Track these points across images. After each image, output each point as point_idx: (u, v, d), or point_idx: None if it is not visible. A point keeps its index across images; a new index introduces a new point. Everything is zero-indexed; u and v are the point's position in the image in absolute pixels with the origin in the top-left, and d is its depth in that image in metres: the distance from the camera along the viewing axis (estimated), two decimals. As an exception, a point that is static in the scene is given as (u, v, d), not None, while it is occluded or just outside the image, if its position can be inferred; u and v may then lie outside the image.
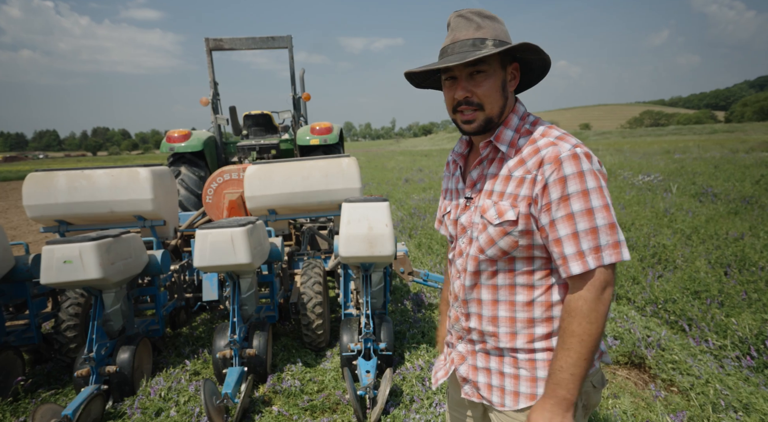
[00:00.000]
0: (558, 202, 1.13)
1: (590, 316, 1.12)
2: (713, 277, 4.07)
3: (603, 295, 1.12)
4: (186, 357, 3.84)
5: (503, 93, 1.25)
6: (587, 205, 1.11)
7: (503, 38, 1.22)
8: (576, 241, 1.12)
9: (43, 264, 2.99)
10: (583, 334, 1.12)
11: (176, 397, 3.17)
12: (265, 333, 3.50)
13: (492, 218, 1.22)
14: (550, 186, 1.14)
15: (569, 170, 1.12)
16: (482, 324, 1.31)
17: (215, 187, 5.45)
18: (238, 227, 3.17)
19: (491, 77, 1.22)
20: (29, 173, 4.02)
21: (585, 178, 1.12)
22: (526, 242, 1.21)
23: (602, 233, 1.11)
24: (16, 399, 3.26)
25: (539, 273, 1.24)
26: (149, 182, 4.08)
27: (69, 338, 3.59)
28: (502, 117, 1.27)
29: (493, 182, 1.26)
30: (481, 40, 1.20)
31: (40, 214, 3.99)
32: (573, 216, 1.12)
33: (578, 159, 1.13)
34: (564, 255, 1.14)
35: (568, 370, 1.13)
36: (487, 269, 1.28)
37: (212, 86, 6.68)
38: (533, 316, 1.25)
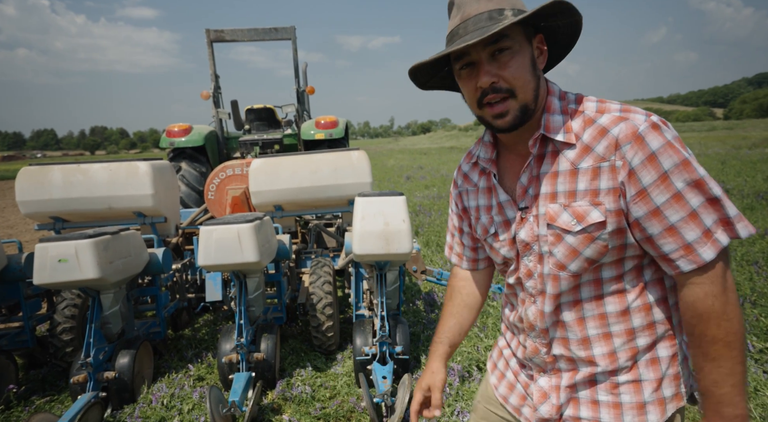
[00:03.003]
0: (656, 185, 0.90)
1: (727, 313, 0.91)
2: (743, 275, 3.87)
3: (729, 283, 0.92)
4: (189, 360, 3.63)
5: (534, 72, 1.01)
6: (693, 176, 0.89)
7: (521, 7, 0.99)
8: (697, 221, 0.89)
9: (37, 263, 2.78)
10: (728, 336, 0.91)
11: (179, 405, 2.97)
12: (273, 336, 3.30)
13: (569, 225, 0.99)
14: (638, 170, 0.91)
15: (656, 144, 0.90)
16: (571, 349, 1.07)
17: (218, 183, 5.23)
18: (245, 224, 2.96)
19: (518, 54, 0.98)
20: (22, 168, 3.82)
21: (676, 147, 0.90)
22: (618, 243, 0.98)
23: (725, 204, 0.89)
24: (8, 407, 3.06)
25: (630, 275, 1.02)
26: (149, 177, 3.86)
27: (65, 341, 3.38)
28: (539, 102, 1.03)
29: (554, 183, 1.02)
30: (499, 10, 0.97)
31: (34, 210, 3.78)
32: (681, 195, 0.89)
33: (659, 129, 0.91)
34: (687, 243, 0.90)
35: (726, 383, 0.91)
36: (569, 286, 1.04)
37: (213, 79, 6.47)
38: (632, 326, 1.02)
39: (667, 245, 0.93)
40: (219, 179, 5.21)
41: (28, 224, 11.88)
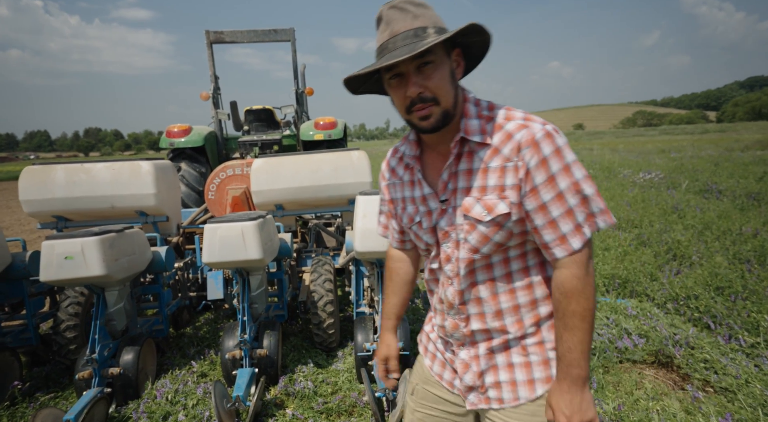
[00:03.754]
0: (545, 184, 1.10)
1: (585, 292, 1.11)
2: (736, 273, 3.96)
3: (590, 268, 1.12)
4: (191, 358, 3.68)
5: (453, 82, 1.16)
6: (573, 178, 1.09)
7: (441, 25, 1.14)
8: (571, 217, 1.09)
9: (43, 260, 2.81)
10: (583, 312, 1.11)
11: (184, 400, 3.01)
12: (275, 333, 3.35)
13: (481, 215, 1.17)
14: (533, 170, 1.10)
15: (548, 150, 1.09)
16: (486, 322, 1.25)
17: (218, 182, 5.28)
18: (249, 221, 3.02)
19: (440, 67, 1.12)
20: (25, 167, 3.85)
21: (563, 153, 1.09)
22: (520, 229, 1.17)
23: (592, 201, 1.09)
24: (13, 403, 3.09)
25: (531, 254, 1.22)
26: (152, 176, 3.92)
27: (68, 339, 3.41)
28: (457, 108, 1.19)
29: (469, 179, 1.19)
30: (422, 28, 1.11)
31: (37, 209, 3.82)
32: (563, 195, 1.09)
33: (552, 137, 1.10)
34: (562, 234, 1.10)
35: (577, 349, 1.11)
36: (481, 266, 1.23)
37: (213, 80, 6.52)
38: (535, 297, 1.22)
39: (548, 235, 1.12)
40: (219, 179, 5.26)
41: (23, 224, 11.85)
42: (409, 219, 1.33)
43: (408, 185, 1.34)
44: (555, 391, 1.16)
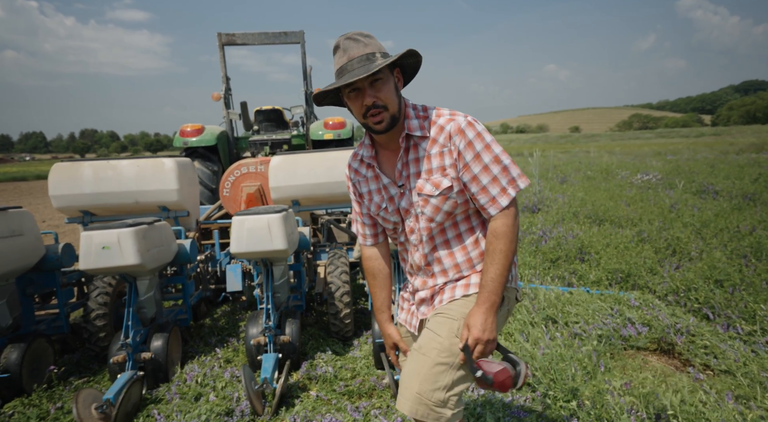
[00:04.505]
0: (473, 160, 1.47)
1: (510, 236, 1.46)
2: (734, 267, 4.16)
3: (515, 220, 1.48)
4: (214, 346, 3.84)
5: (397, 93, 1.52)
6: (493, 154, 1.47)
7: (384, 50, 1.50)
8: (497, 182, 1.47)
9: (82, 250, 2.98)
10: (507, 251, 1.46)
11: (212, 383, 3.17)
12: (297, 321, 3.52)
13: (431, 192, 1.53)
14: (463, 151, 1.48)
15: (471, 135, 1.47)
16: (449, 275, 1.61)
17: (233, 180, 5.45)
18: (275, 214, 3.19)
19: (387, 83, 1.48)
20: (54, 164, 4.01)
21: (483, 136, 1.48)
22: (463, 198, 1.54)
23: (511, 169, 1.47)
24: (50, 386, 3.24)
25: (474, 217, 1.59)
26: (174, 173, 4.08)
27: (98, 327, 3.57)
28: (401, 113, 1.54)
29: (417, 165, 1.55)
30: (371, 54, 1.46)
31: (66, 204, 3.98)
32: (487, 166, 1.46)
33: (473, 125, 1.49)
34: (492, 196, 1.47)
35: (497, 280, 1.45)
36: (438, 231, 1.59)
37: (224, 81, 6.69)
38: (481, 248, 1.59)
39: (482, 198, 1.49)
40: (234, 176, 5.43)
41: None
42: (377, 207, 1.67)
43: (372, 179, 1.67)
44: (474, 313, 1.47)
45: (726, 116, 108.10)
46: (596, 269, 4.63)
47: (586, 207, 7.68)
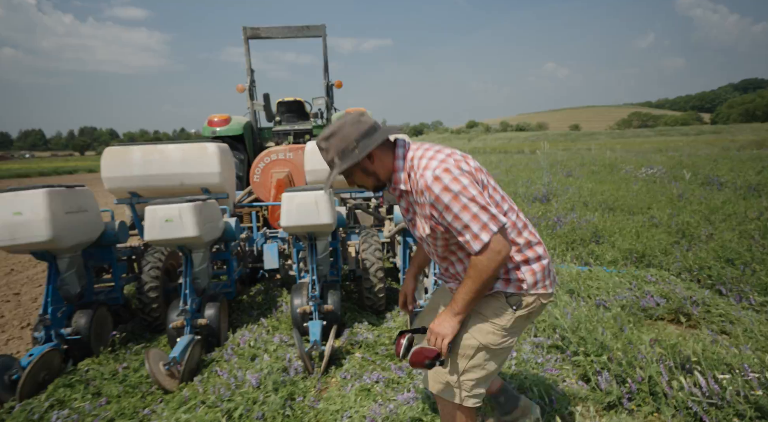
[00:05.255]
0: (444, 210, 1.64)
1: (483, 270, 1.64)
2: (743, 246, 4.42)
3: (491, 260, 1.62)
4: (256, 318, 4.09)
5: (367, 173, 1.78)
6: (460, 204, 1.61)
7: (344, 146, 1.71)
8: (468, 229, 1.62)
9: (147, 223, 3.23)
10: (476, 279, 1.65)
11: (264, 346, 3.43)
12: (337, 292, 3.77)
13: (423, 232, 1.80)
14: (435, 203, 1.66)
15: (437, 189, 1.63)
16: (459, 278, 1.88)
17: (263, 167, 5.70)
18: (321, 191, 3.44)
19: (354, 173, 1.79)
20: (106, 148, 4.25)
21: (450, 188, 1.61)
22: (452, 234, 1.73)
23: (480, 216, 1.60)
24: (113, 349, 3.50)
25: None
26: (216, 157, 4.32)
27: (151, 298, 3.82)
28: (384, 175, 1.80)
29: (408, 210, 1.86)
30: (330, 161, 1.76)
31: (117, 186, 4.22)
32: (457, 216, 1.62)
33: (439, 179, 1.62)
34: (467, 241, 1.64)
35: (465, 297, 1.69)
36: (441, 251, 1.85)
37: (249, 73, 6.92)
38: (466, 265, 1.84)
39: (461, 238, 1.66)
40: (264, 163, 5.68)
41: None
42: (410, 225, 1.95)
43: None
44: (440, 314, 1.76)
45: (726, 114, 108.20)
46: (612, 250, 4.89)
47: (595, 197, 7.94)
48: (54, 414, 2.65)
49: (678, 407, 2.35)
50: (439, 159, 1.66)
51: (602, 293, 3.74)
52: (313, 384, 3.01)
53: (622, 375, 2.59)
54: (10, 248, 3.08)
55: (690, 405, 2.29)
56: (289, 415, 2.62)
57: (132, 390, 2.98)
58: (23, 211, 3.05)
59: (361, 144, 1.71)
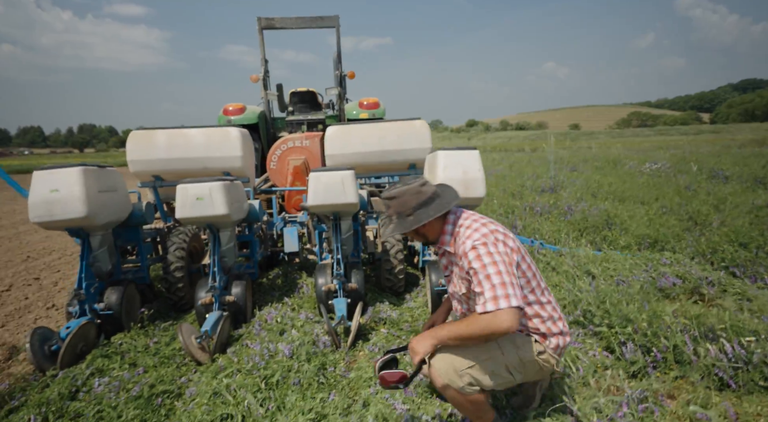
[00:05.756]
0: (473, 275, 1.89)
1: (480, 326, 1.81)
2: (756, 231, 4.51)
3: (496, 326, 1.77)
4: (278, 298, 4.17)
5: (417, 234, 2.10)
6: (486, 273, 1.84)
7: (400, 210, 2.05)
8: (482, 295, 1.83)
9: (178, 201, 3.31)
10: (469, 328, 1.84)
11: (291, 322, 3.51)
12: (360, 272, 3.85)
13: (459, 290, 2.08)
14: (467, 269, 1.91)
15: (472, 256, 1.90)
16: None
17: (279, 154, 5.79)
18: (347, 170, 3.52)
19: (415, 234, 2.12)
20: (131, 132, 4.31)
21: (482, 258, 1.87)
22: None
23: (499, 289, 1.80)
24: (142, 325, 3.58)
25: None
26: (239, 141, 4.40)
27: (177, 278, 3.90)
28: (434, 237, 2.12)
29: (448, 268, 2.16)
30: (389, 217, 2.11)
31: (141, 169, 4.29)
32: (481, 282, 1.85)
33: (475, 249, 1.90)
34: (480, 303, 1.84)
35: (450, 333, 1.89)
36: (468, 310, 2.13)
37: (263, 64, 6.99)
38: None
39: (478, 303, 1.85)
40: (281, 150, 5.76)
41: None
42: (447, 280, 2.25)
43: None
44: (419, 334, 1.98)
45: (725, 113, 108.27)
46: (625, 235, 4.97)
47: (603, 188, 8.03)
48: (96, 380, 2.73)
49: (704, 373, 2.44)
50: (482, 233, 1.93)
51: (619, 274, 3.83)
52: (342, 357, 3.09)
53: (647, 344, 2.68)
54: (47, 224, 3.16)
55: (716, 370, 2.37)
56: (324, 382, 2.70)
57: (167, 361, 3.06)
58: (60, 188, 3.13)
59: (416, 213, 2.03)
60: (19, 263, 6.24)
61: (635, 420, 2.07)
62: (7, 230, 8.97)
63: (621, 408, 2.11)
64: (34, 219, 3.11)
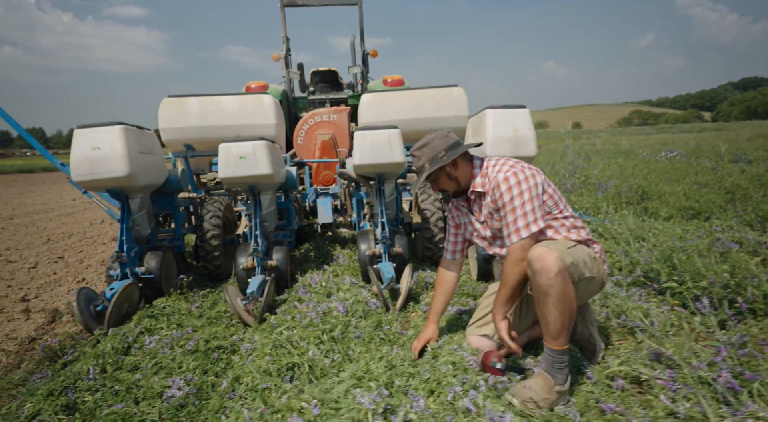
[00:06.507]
0: (506, 202, 2.00)
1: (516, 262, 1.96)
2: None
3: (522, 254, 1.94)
4: (318, 266, 4.06)
5: (450, 179, 2.17)
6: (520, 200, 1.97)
7: (434, 154, 2.11)
8: (509, 227, 1.99)
9: (221, 161, 3.20)
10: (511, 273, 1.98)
11: (335, 287, 3.39)
12: (404, 237, 3.73)
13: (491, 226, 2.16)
14: (498, 200, 2.04)
15: (504, 187, 2.01)
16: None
17: (306, 129, 5.67)
18: (393, 129, 3.40)
19: (440, 178, 2.18)
20: (163, 99, 4.19)
21: (511, 186, 1.99)
22: None
23: (528, 216, 1.95)
24: (182, 292, 3.46)
25: None
26: (273, 108, 4.30)
27: (213, 246, 3.78)
28: (463, 183, 2.18)
29: (481, 210, 2.19)
30: (421, 167, 2.16)
31: (173, 137, 4.19)
32: (514, 209, 1.98)
33: (507, 179, 2.01)
34: (507, 233, 2.01)
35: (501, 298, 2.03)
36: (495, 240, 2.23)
37: (284, 41, 6.88)
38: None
39: (506, 230, 2.02)
40: (308, 125, 5.65)
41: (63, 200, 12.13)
42: (470, 233, 2.32)
43: (464, 215, 2.32)
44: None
45: (727, 111, 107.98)
46: (667, 207, 4.85)
47: (627, 170, 7.91)
48: (146, 338, 2.62)
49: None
50: (510, 164, 2.05)
51: (673, 239, 3.70)
52: (395, 317, 2.97)
53: (728, 296, 2.56)
54: (89, 183, 3.05)
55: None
56: (383, 338, 2.59)
57: (215, 321, 2.95)
58: (102, 146, 3.02)
59: (448, 153, 2.11)
60: (40, 244, 6.14)
61: (737, 364, 1.95)
62: (22, 218, 8.87)
63: (719, 352, 1.99)
64: (77, 178, 3.00)
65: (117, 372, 2.33)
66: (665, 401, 1.84)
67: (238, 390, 2.11)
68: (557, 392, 1.87)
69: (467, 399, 1.89)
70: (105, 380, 2.23)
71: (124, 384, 2.19)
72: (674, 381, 1.94)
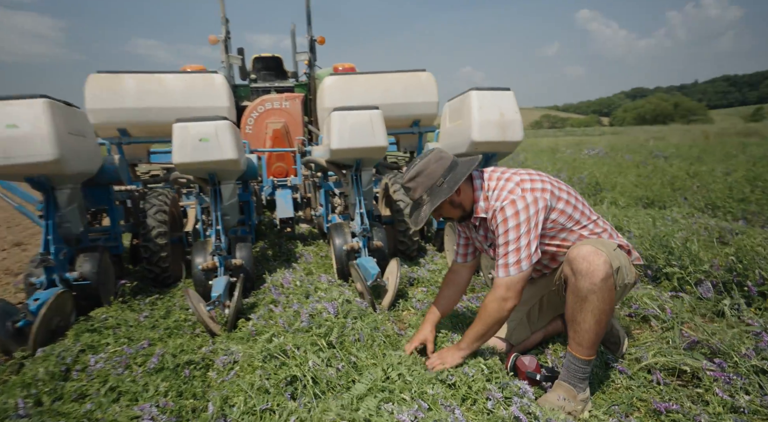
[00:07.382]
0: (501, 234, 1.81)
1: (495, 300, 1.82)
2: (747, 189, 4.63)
3: (507, 292, 1.80)
4: (283, 265, 3.63)
5: (454, 207, 1.94)
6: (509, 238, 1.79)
7: (431, 184, 1.88)
8: (499, 260, 1.82)
9: (176, 143, 2.70)
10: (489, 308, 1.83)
11: (312, 286, 3.00)
12: (382, 230, 3.42)
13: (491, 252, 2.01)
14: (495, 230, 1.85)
15: (500, 218, 1.82)
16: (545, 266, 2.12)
17: (256, 116, 5.19)
18: (374, 110, 3.07)
19: (443, 208, 1.93)
20: (90, 74, 3.56)
21: (507, 219, 1.80)
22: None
23: (521, 252, 1.77)
24: (124, 300, 2.91)
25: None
26: (225, 89, 3.81)
27: (160, 245, 3.24)
28: (467, 209, 1.96)
29: (485, 234, 2.02)
30: (419, 199, 1.94)
31: (104, 120, 3.58)
32: (508, 242, 1.79)
33: (503, 210, 1.81)
34: (497, 265, 1.83)
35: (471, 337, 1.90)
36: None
37: (223, 23, 6.26)
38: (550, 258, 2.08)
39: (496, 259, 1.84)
40: (257, 113, 5.17)
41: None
42: (480, 246, 2.12)
43: (471, 231, 2.11)
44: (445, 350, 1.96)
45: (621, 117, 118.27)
46: (622, 196, 4.94)
47: (566, 165, 8.14)
48: (90, 357, 2.10)
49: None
50: (509, 188, 1.83)
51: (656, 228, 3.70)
52: (386, 317, 2.65)
53: (733, 281, 2.51)
54: (3, 169, 2.41)
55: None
56: (385, 340, 2.26)
57: (176, 332, 2.46)
58: (20, 123, 2.40)
59: (447, 180, 1.87)
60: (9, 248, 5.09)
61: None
62: None
63: (761, 337, 1.89)
64: (-13, 163, 2.37)
65: (58, 404, 1.81)
66: (721, 394, 1.69)
67: (231, 414, 1.69)
68: (581, 400, 1.73)
69: (515, 407, 1.64)
70: (43, 415, 1.71)
71: (71, 418, 1.70)
72: (723, 371, 1.81)
